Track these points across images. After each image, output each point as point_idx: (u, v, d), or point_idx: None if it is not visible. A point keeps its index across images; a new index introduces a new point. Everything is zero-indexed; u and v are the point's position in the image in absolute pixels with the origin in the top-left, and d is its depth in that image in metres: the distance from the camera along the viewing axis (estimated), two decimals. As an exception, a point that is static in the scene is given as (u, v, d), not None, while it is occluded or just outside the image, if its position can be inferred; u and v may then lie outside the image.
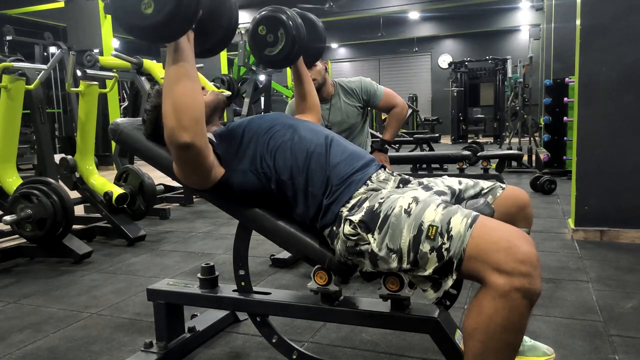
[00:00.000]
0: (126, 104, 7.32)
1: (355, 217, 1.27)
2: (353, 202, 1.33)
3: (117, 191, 3.45)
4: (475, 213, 1.16)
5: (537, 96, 10.90)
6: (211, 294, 1.68)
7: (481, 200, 1.34)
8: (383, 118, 11.44)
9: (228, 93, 5.55)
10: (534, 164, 6.61)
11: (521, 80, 8.25)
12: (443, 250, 1.13)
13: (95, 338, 1.99)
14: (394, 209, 1.23)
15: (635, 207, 3.08)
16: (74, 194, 3.54)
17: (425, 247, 1.15)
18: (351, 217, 1.28)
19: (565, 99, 5.30)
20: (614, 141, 3.09)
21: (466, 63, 13.74)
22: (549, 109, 5.85)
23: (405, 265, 1.19)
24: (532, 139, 7.35)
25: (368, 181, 1.38)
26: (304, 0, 9.90)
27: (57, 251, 3.05)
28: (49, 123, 4.15)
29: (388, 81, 16.44)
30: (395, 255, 1.20)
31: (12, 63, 3.37)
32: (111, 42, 9.25)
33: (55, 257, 3.09)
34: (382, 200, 1.27)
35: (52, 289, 2.60)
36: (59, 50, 4.13)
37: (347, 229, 1.28)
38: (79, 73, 3.75)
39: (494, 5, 13.31)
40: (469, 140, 10.68)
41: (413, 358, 1.73)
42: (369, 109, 2.93)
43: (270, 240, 1.50)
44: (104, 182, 3.60)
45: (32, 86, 3.51)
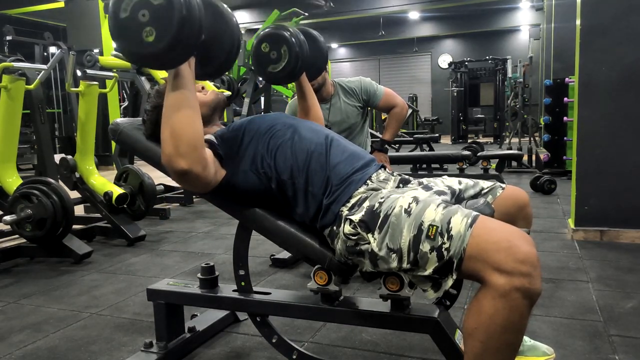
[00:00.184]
0: (126, 104, 7.31)
1: (356, 217, 1.27)
2: (353, 201, 1.33)
3: (117, 191, 3.45)
4: (475, 213, 1.16)
5: (537, 96, 10.90)
6: (211, 294, 1.68)
7: (481, 200, 1.34)
8: (383, 118, 11.44)
9: (228, 93, 5.54)
10: (534, 164, 6.61)
11: (521, 80, 8.25)
12: (443, 250, 1.13)
13: (95, 338, 1.99)
14: (394, 208, 1.23)
15: (635, 207, 3.08)
16: (74, 194, 3.54)
17: (425, 246, 1.15)
18: (351, 217, 1.28)
19: (565, 99, 5.30)
20: (614, 141, 3.09)
21: (466, 63, 13.74)
22: (549, 109, 5.85)
23: (405, 265, 1.19)
24: (532, 139, 7.35)
25: (368, 181, 1.38)
26: (304, 1, 9.89)
27: (57, 251, 3.05)
28: (49, 123, 4.15)
29: (388, 81, 16.44)
30: (395, 255, 1.20)
31: (12, 63, 3.37)
32: (111, 42, 9.25)
33: (55, 257, 3.09)
34: (382, 200, 1.27)
35: (52, 289, 2.60)
36: (59, 50, 4.12)
37: (347, 228, 1.28)
38: (79, 73, 3.75)
39: (494, 5, 13.31)
40: (469, 140, 10.69)
41: (413, 358, 1.73)
42: (369, 109, 2.93)
43: (270, 240, 1.50)
44: (104, 182, 3.60)
45: (32, 86, 3.51)
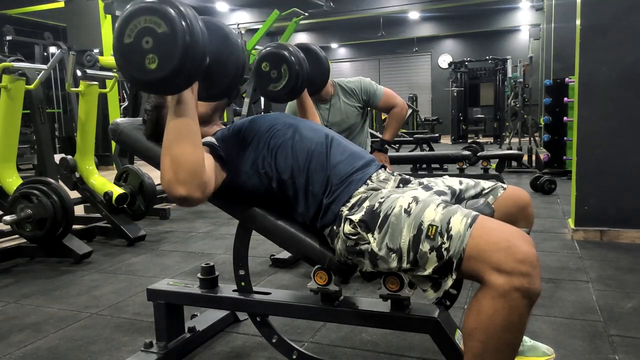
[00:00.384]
0: (126, 104, 7.31)
1: (356, 217, 1.27)
2: (353, 201, 1.33)
3: (117, 191, 3.45)
4: (475, 213, 1.16)
5: (537, 96, 10.90)
6: (211, 294, 1.68)
7: (481, 200, 1.34)
8: (383, 118, 11.44)
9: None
10: (534, 164, 6.61)
11: (521, 80, 8.25)
12: (443, 249, 1.13)
13: (95, 338, 1.99)
14: (393, 208, 1.23)
15: (635, 207, 3.08)
16: (74, 194, 3.53)
17: (425, 246, 1.15)
18: (351, 217, 1.28)
19: (565, 99, 5.30)
20: (614, 141, 3.09)
21: (466, 63, 13.74)
22: (549, 109, 5.85)
23: (405, 264, 1.19)
24: (532, 139, 7.35)
25: (368, 181, 1.38)
26: (304, 1, 9.89)
27: (57, 251, 3.05)
28: (49, 123, 4.15)
29: (388, 81, 16.44)
30: (395, 254, 1.20)
31: (12, 63, 3.37)
32: (111, 42, 9.26)
33: (55, 257, 3.09)
34: (382, 200, 1.27)
35: (52, 289, 2.60)
36: (59, 50, 4.12)
37: (347, 228, 1.28)
38: (79, 73, 3.75)
39: (494, 5, 13.32)
40: (469, 140, 10.68)
41: (413, 358, 1.73)
42: (369, 109, 2.93)
43: (270, 240, 1.50)
44: (104, 182, 3.60)
45: (32, 86, 3.51)
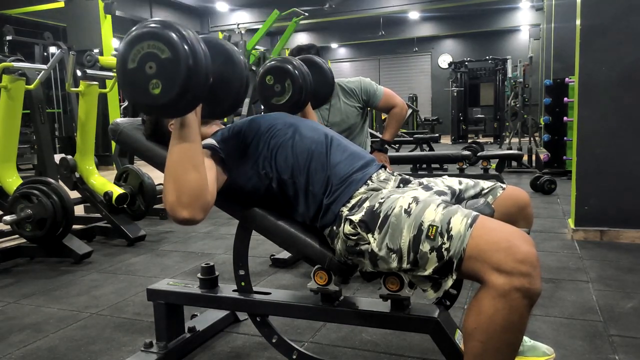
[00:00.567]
0: (126, 104, 7.31)
1: (356, 217, 1.27)
2: (353, 201, 1.33)
3: (117, 191, 3.45)
4: (475, 213, 1.16)
5: (537, 96, 10.90)
6: (211, 294, 1.68)
7: (481, 200, 1.34)
8: (383, 118, 11.44)
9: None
10: (534, 164, 6.61)
11: (521, 80, 8.25)
12: (443, 250, 1.13)
13: (95, 338, 1.99)
14: (394, 208, 1.23)
15: (635, 207, 3.08)
16: (74, 194, 3.53)
17: (425, 247, 1.15)
18: (351, 217, 1.28)
19: (565, 99, 5.30)
20: (614, 141, 3.09)
21: (466, 63, 13.75)
22: (549, 109, 5.85)
23: (405, 265, 1.19)
24: (532, 139, 7.35)
25: (368, 181, 1.38)
26: (303, 1, 9.89)
27: (57, 251, 3.05)
28: (49, 123, 4.15)
29: (388, 81, 16.45)
30: (395, 255, 1.20)
31: (12, 63, 3.37)
32: (111, 42, 9.26)
33: (55, 257, 3.09)
34: (382, 200, 1.27)
35: (52, 289, 2.60)
36: (59, 50, 4.11)
37: (347, 228, 1.28)
38: (79, 73, 3.75)
39: (494, 5, 13.32)
40: (469, 140, 10.68)
41: (413, 358, 1.73)
42: (369, 109, 2.93)
43: (270, 240, 1.50)
44: (104, 182, 3.60)
45: (32, 86, 3.51)
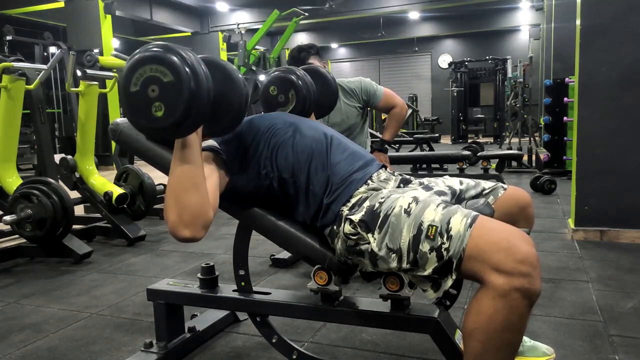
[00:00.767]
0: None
1: (356, 217, 1.27)
2: (353, 201, 1.33)
3: (117, 191, 3.45)
4: (475, 213, 1.16)
5: (537, 96, 10.90)
6: (211, 294, 1.68)
7: (481, 200, 1.34)
8: (383, 118, 11.44)
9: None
10: (534, 164, 6.61)
11: (521, 80, 8.25)
12: (443, 250, 1.13)
13: (95, 338, 1.99)
14: (394, 208, 1.23)
15: (635, 207, 3.08)
16: (74, 194, 3.53)
17: (425, 246, 1.15)
18: (351, 217, 1.28)
19: (565, 99, 5.30)
20: (614, 141, 3.09)
21: (466, 63, 13.75)
22: (549, 109, 5.85)
23: (405, 265, 1.19)
24: (532, 139, 7.35)
25: (369, 180, 1.38)
26: (303, 1, 9.89)
27: (57, 251, 3.05)
28: (49, 123, 4.15)
29: (388, 81, 16.45)
30: (395, 255, 1.20)
31: (12, 63, 3.37)
32: (111, 42, 9.26)
33: (55, 257, 3.09)
34: (382, 200, 1.27)
35: (52, 289, 2.60)
36: (59, 50, 4.11)
37: (348, 228, 1.28)
38: (79, 73, 3.75)
39: (494, 5, 13.32)
40: (469, 140, 10.69)
41: (413, 358, 1.73)
42: (369, 109, 2.93)
43: (270, 240, 1.50)
44: (104, 182, 3.60)
45: (32, 86, 3.51)
